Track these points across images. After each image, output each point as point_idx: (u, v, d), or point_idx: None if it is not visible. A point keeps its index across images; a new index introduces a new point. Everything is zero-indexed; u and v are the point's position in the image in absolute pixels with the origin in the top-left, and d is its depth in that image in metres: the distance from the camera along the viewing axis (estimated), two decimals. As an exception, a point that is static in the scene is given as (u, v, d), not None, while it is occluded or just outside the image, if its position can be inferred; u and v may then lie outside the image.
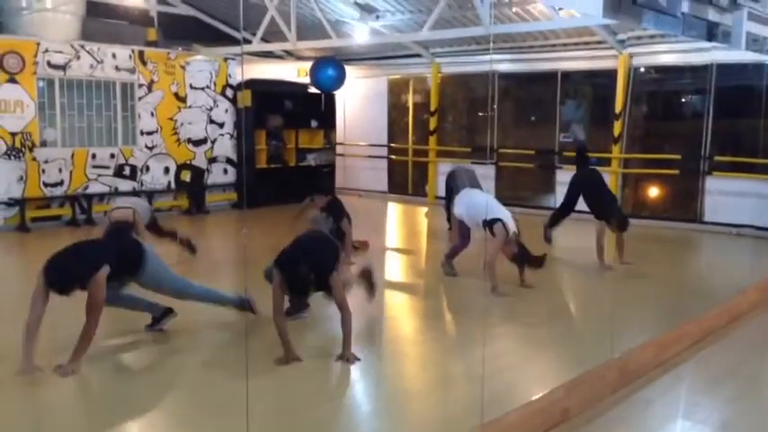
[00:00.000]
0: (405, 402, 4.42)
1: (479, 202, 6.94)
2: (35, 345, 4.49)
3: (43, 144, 10.29)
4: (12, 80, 9.83)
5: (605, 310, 6.47)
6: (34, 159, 10.15)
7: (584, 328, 5.98)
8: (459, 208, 7.05)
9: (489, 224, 6.55)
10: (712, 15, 6.15)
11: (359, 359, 4.84)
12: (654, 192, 11.67)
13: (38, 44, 10.08)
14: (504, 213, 6.65)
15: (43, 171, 10.26)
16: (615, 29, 10.54)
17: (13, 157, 9.96)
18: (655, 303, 6.71)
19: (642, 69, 11.26)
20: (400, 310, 6.60)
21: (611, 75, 11.23)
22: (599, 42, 11.08)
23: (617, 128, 11.19)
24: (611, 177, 11.20)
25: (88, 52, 10.63)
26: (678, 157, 10.76)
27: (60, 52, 10.32)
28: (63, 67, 10.37)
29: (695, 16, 6.00)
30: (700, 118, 10.71)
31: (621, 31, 10.64)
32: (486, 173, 12.38)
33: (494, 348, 5.16)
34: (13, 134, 9.93)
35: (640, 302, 6.67)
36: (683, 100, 11.70)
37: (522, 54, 12.13)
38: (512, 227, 6.57)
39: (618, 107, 11.16)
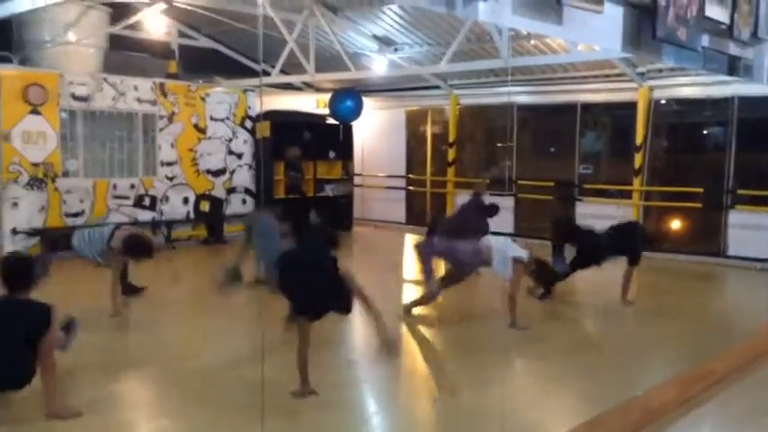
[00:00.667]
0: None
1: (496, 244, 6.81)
2: None
3: (65, 174, 10.40)
4: (35, 111, 9.97)
5: (627, 345, 6.34)
6: (56, 189, 10.25)
7: (605, 365, 5.84)
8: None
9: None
10: (733, 49, 6.11)
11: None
12: (676, 225, 11.51)
13: (61, 76, 10.25)
14: (514, 248, 6.58)
15: (64, 201, 10.35)
16: (635, 62, 10.50)
17: (35, 188, 10.06)
18: (677, 340, 6.56)
19: (663, 102, 11.19)
20: (416, 345, 6.50)
21: (631, 107, 11.16)
22: (619, 75, 11.04)
23: (638, 160, 11.10)
24: (632, 210, 11.09)
25: (110, 84, 10.79)
26: (700, 190, 10.62)
27: (83, 84, 10.47)
28: (86, 99, 10.51)
29: (716, 50, 5.97)
30: (722, 151, 10.59)
31: (641, 63, 10.61)
32: (505, 204, 12.33)
33: (513, 385, 5.06)
34: (36, 164, 10.04)
35: (663, 339, 6.53)
36: (705, 132, 11.60)
37: (540, 86, 12.13)
38: (524, 255, 6.49)
39: (638, 139, 11.08)
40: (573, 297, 8.14)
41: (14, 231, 9.88)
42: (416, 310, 7.05)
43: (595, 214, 11.66)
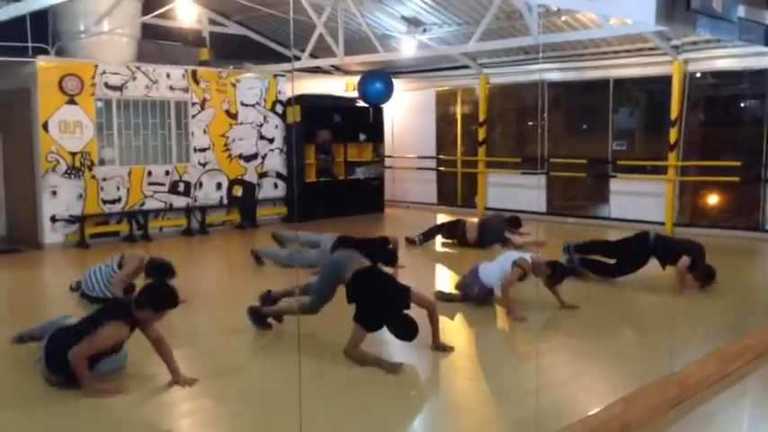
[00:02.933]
0: (459, 416, 4.37)
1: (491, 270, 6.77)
2: None
3: (101, 163, 10.60)
4: (71, 101, 10.17)
5: (664, 323, 6.29)
6: (93, 177, 10.46)
7: (643, 342, 5.81)
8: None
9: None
10: (770, 18, 5.97)
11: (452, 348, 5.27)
12: (713, 200, 11.33)
13: (96, 66, 10.41)
14: (521, 255, 6.56)
15: (102, 189, 10.57)
16: (669, 35, 10.30)
17: (73, 176, 10.28)
18: (715, 316, 6.49)
19: (698, 75, 10.98)
20: (449, 323, 6.53)
21: (665, 81, 10.97)
22: (652, 49, 10.85)
23: (673, 135, 10.92)
24: (667, 186, 10.94)
25: (143, 73, 10.93)
26: (738, 163, 10.43)
27: (117, 74, 10.64)
28: (120, 88, 10.68)
29: (752, 20, 5.84)
30: (759, 123, 10.37)
31: (675, 36, 10.40)
32: (536, 183, 12.25)
33: (548, 362, 5.07)
34: (73, 154, 10.26)
35: (701, 315, 6.47)
36: (742, 105, 11.35)
37: (572, 62, 11.97)
38: (527, 257, 6.44)
39: (674, 114, 10.89)
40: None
41: (54, 219, 10.13)
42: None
43: (630, 191, 11.59)
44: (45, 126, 9.96)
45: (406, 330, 4.99)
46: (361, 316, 5.00)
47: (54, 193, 10.14)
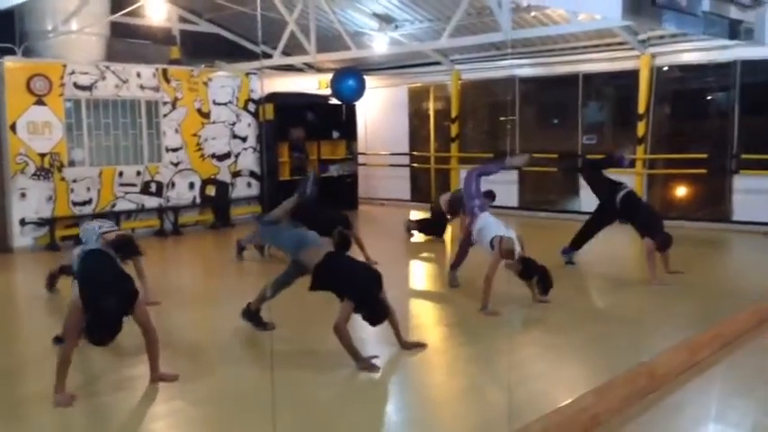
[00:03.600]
0: (432, 411, 4.42)
1: (489, 223, 6.79)
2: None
3: (71, 164, 10.47)
4: (40, 102, 10.03)
5: (634, 314, 6.40)
6: (63, 179, 10.33)
7: (613, 334, 5.90)
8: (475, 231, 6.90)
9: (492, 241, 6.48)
10: (734, 13, 6.09)
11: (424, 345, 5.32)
12: (681, 192, 11.52)
13: (64, 66, 10.28)
14: (505, 230, 6.52)
15: (72, 190, 10.44)
16: (636, 29, 10.45)
17: (42, 178, 10.15)
18: (685, 306, 6.62)
19: (665, 68, 11.15)
20: (424, 318, 6.58)
21: (633, 75, 11.13)
22: (620, 43, 11.00)
23: (641, 128, 11.09)
24: (635, 179, 11.10)
25: (113, 72, 10.82)
26: (705, 156, 10.62)
27: (86, 73, 10.51)
28: (89, 88, 10.55)
29: (717, 14, 5.95)
30: (726, 116, 10.58)
31: (642, 31, 10.55)
32: (509, 177, 12.35)
33: (520, 356, 5.14)
34: (42, 155, 10.12)
35: (670, 305, 6.58)
36: (709, 98, 11.55)
37: (542, 58, 12.08)
38: (516, 245, 6.41)
39: (641, 108, 11.06)
40: (580, 267, 8.21)
41: (23, 222, 10.00)
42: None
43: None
44: (13, 127, 9.82)
45: (380, 312, 5.04)
46: (349, 290, 5.03)
47: (23, 195, 10.00)
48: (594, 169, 8.40)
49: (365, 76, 13.25)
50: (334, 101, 13.50)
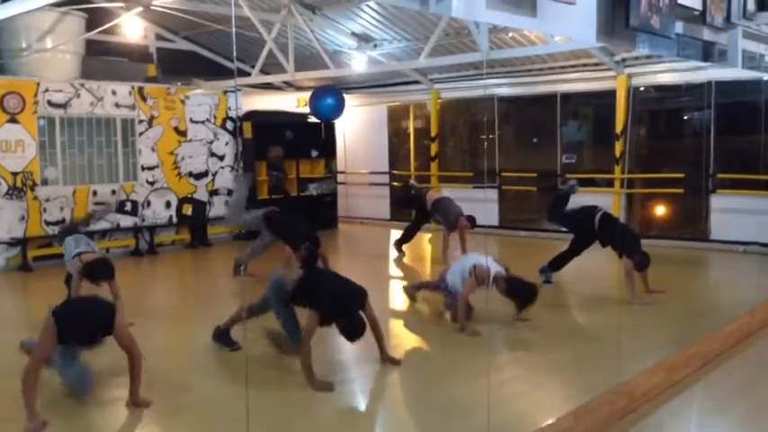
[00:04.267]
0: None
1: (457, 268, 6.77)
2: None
3: (44, 183, 10.30)
4: (12, 120, 9.87)
5: (613, 334, 6.36)
6: (35, 198, 10.15)
7: (593, 354, 5.86)
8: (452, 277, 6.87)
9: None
10: (707, 35, 6.14)
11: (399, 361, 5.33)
12: (660, 211, 11.60)
13: (38, 84, 10.14)
14: (480, 259, 6.48)
15: (45, 210, 10.26)
16: (612, 50, 10.55)
17: (14, 197, 9.97)
18: (663, 326, 6.60)
19: (642, 89, 11.26)
20: (404, 339, 6.50)
21: (611, 95, 11.22)
22: (597, 64, 11.09)
23: (618, 148, 11.16)
24: (614, 198, 11.15)
25: (88, 90, 10.69)
26: (682, 175, 10.71)
27: (60, 91, 10.38)
28: (63, 106, 10.42)
29: (690, 37, 5.99)
30: (701, 136, 10.68)
31: (619, 52, 10.66)
32: (489, 196, 12.37)
33: (500, 377, 5.07)
34: (15, 174, 9.95)
35: (649, 325, 6.57)
36: (685, 118, 11.68)
37: (520, 77, 12.16)
38: (492, 267, 6.39)
39: (619, 127, 11.14)
40: (559, 286, 8.19)
41: (-5, 242, 9.80)
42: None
43: (578, 204, 11.74)
44: (-16, 146, 9.66)
45: (355, 328, 4.93)
46: (320, 304, 4.98)
47: (-6, 214, 9.81)
48: (557, 211, 8.41)
49: (344, 95, 13.24)
50: (313, 119, 13.46)
